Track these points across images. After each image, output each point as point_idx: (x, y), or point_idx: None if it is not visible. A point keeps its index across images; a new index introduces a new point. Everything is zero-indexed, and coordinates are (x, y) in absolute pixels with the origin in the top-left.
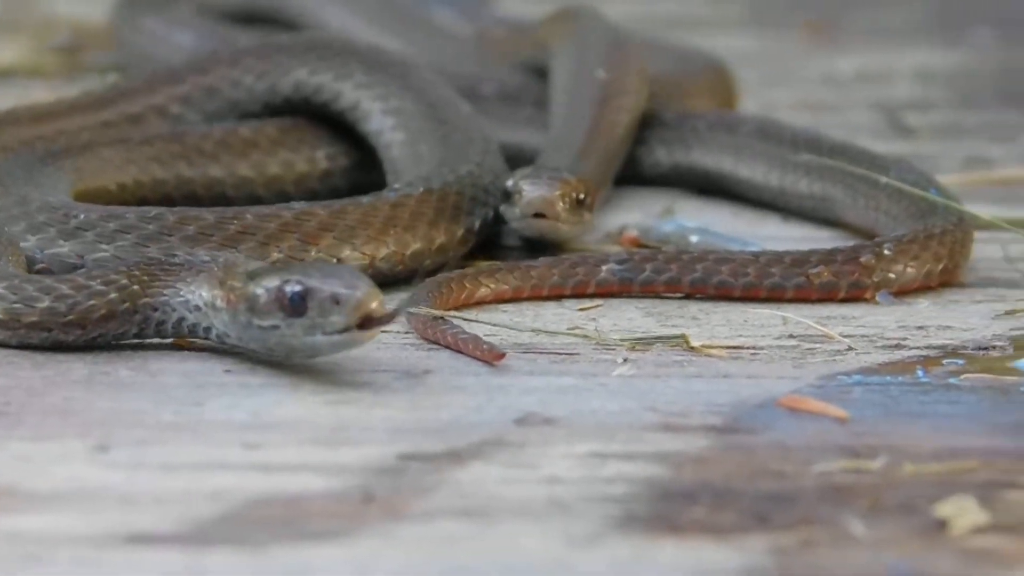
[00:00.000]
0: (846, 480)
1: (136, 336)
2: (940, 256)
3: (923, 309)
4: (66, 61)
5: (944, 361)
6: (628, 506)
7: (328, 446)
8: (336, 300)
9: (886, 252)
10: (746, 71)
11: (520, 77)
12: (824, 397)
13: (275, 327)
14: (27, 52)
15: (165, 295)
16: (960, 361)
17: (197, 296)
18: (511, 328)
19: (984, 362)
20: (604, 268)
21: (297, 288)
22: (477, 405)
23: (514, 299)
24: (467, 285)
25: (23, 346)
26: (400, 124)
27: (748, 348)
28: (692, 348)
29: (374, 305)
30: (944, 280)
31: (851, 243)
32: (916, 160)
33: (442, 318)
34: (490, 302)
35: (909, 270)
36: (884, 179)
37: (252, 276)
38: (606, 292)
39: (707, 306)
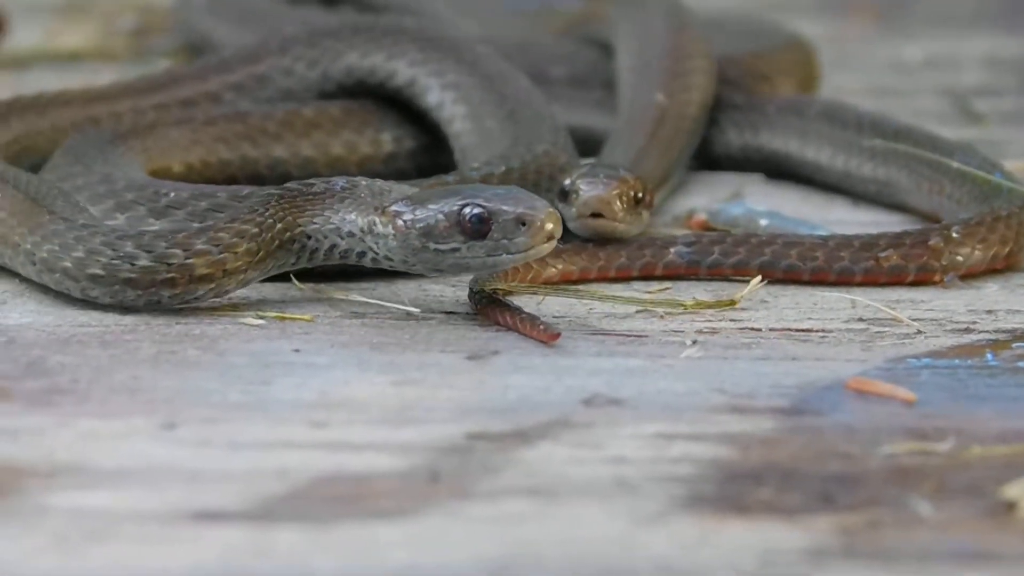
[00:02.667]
0: (913, 462)
1: (292, 266)
2: (1007, 239)
3: (992, 293)
4: (133, 45)
5: (1013, 345)
6: (694, 486)
7: (395, 425)
8: (522, 221)
9: (954, 235)
10: None
11: (589, 56)
12: (892, 380)
13: (455, 249)
14: (94, 36)
15: (316, 223)
16: None
17: (349, 222)
18: (583, 299)
19: None
20: (672, 250)
21: (478, 211)
22: (544, 385)
23: (581, 280)
24: (534, 265)
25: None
26: (460, 97)
27: (816, 331)
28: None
29: (553, 224)
30: (1010, 263)
31: (919, 227)
32: (984, 146)
33: (502, 297)
34: (557, 282)
35: (976, 253)
36: (954, 163)
37: (419, 200)
38: (673, 274)
39: (776, 289)
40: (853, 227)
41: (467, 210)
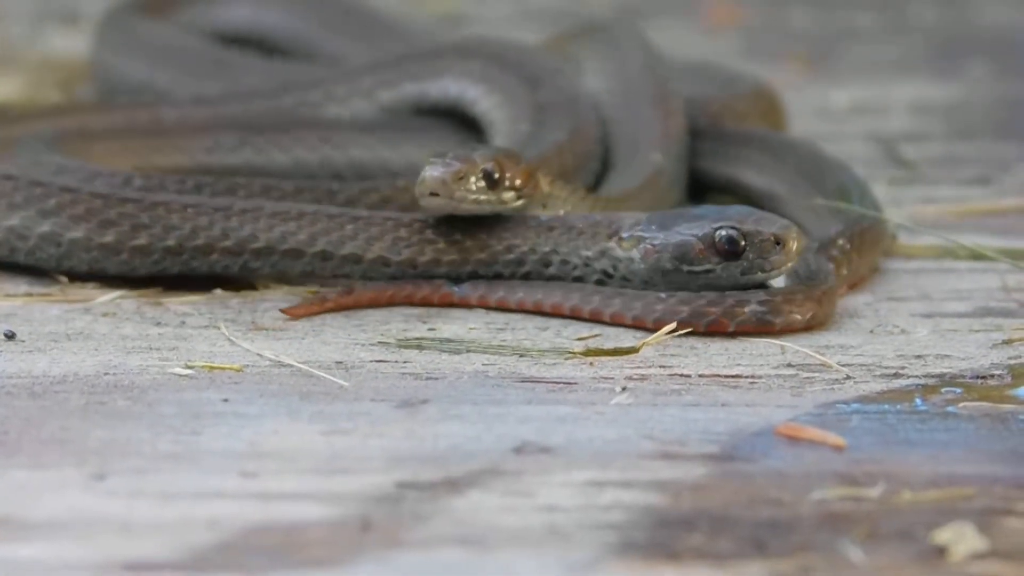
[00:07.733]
0: (844, 507)
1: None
2: (876, 249)
3: (921, 338)
4: (63, 94)
5: (942, 390)
6: (626, 533)
7: (325, 475)
8: (777, 240)
9: (841, 243)
10: None
11: None
12: (822, 425)
13: (709, 271)
14: (24, 86)
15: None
16: (958, 390)
17: (567, 252)
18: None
19: (982, 390)
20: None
21: (732, 233)
22: (475, 434)
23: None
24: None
25: None
26: (481, 78)
27: (746, 377)
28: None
29: (800, 242)
30: (871, 274)
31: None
32: (912, 190)
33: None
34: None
35: (861, 261)
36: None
37: (659, 224)
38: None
39: (704, 335)
40: None
41: (721, 232)
